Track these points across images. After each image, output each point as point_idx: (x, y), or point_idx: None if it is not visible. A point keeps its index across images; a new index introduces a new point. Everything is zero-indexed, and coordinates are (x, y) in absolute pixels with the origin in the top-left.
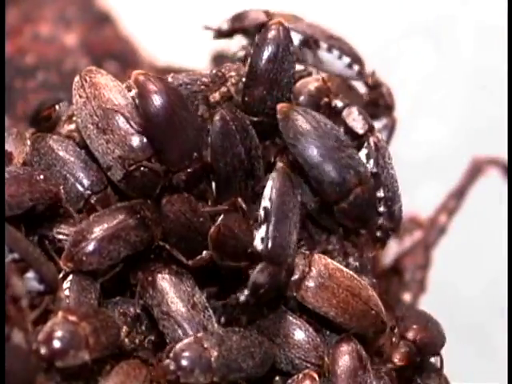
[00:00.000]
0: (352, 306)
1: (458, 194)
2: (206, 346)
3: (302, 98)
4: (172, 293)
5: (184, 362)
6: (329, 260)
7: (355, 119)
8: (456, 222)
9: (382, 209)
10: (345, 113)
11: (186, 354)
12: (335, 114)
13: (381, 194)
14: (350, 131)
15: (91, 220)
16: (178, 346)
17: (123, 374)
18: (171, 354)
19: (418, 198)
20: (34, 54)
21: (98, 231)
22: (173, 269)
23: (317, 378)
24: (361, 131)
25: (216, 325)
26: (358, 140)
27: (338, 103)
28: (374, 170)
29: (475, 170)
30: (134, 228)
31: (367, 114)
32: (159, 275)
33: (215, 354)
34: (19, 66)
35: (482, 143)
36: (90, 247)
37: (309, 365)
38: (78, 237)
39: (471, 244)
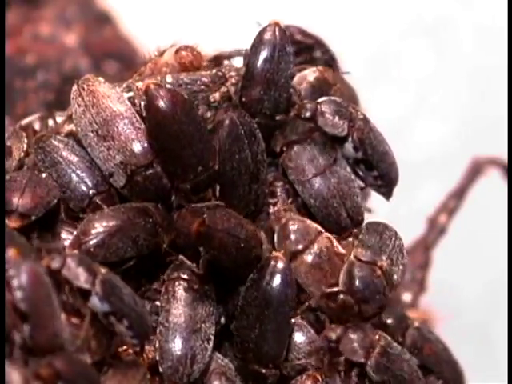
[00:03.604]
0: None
1: (458, 194)
2: None
3: (303, 91)
4: (187, 308)
5: None
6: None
7: (333, 125)
8: (456, 221)
9: (379, 182)
10: (320, 122)
11: None
12: (309, 121)
13: (374, 173)
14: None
15: (105, 212)
16: None
17: (121, 374)
18: None
19: (418, 198)
20: (34, 54)
21: (110, 225)
22: (203, 287)
23: (320, 379)
24: (343, 134)
25: (207, 356)
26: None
27: (307, 113)
28: (364, 158)
29: (475, 170)
30: (144, 231)
31: (342, 106)
32: (185, 285)
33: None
34: (19, 66)
35: (482, 143)
36: (99, 239)
37: (309, 367)
38: (89, 226)
39: (471, 244)
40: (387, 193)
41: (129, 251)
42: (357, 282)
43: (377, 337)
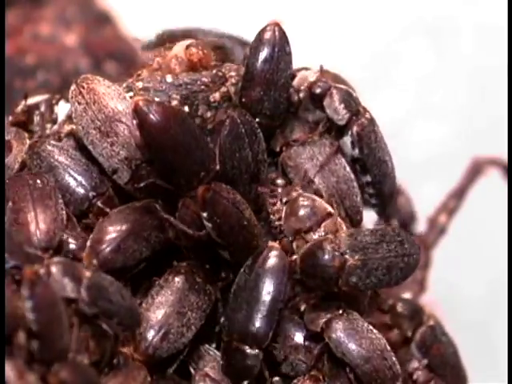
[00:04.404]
0: None
1: (458, 194)
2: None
3: (303, 92)
4: (180, 291)
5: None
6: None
7: (336, 110)
8: (456, 221)
9: (370, 191)
10: (325, 102)
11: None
12: (317, 102)
13: (367, 178)
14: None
15: (113, 217)
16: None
17: (122, 376)
18: None
19: (418, 197)
20: (34, 54)
21: (121, 229)
22: (205, 284)
23: (321, 379)
24: (341, 122)
25: (181, 343)
26: (343, 128)
27: (317, 89)
28: (360, 157)
29: (475, 170)
30: (154, 228)
31: (353, 98)
32: (188, 273)
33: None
34: (19, 66)
35: (482, 143)
36: (115, 245)
37: (306, 365)
38: (101, 233)
39: (471, 244)
40: (379, 206)
41: (144, 251)
42: (311, 257)
43: (340, 311)
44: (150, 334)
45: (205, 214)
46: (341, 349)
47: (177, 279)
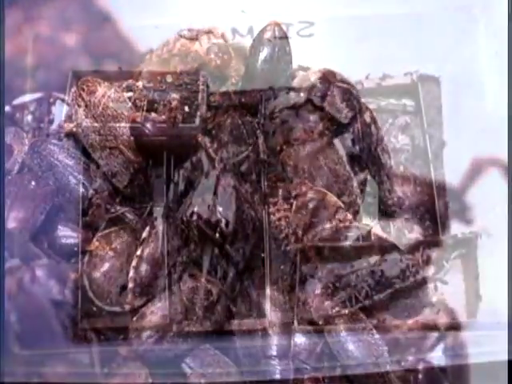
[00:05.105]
0: None
1: (459, 194)
2: None
3: (303, 91)
4: (180, 301)
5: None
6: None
7: (338, 109)
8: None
9: (368, 189)
10: (328, 101)
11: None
12: (318, 102)
13: (365, 176)
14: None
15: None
16: None
17: (122, 376)
18: None
19: None
20: (34, 54)
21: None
22: (204, 292)
23: (321, 379)
24: (344, 121)
25: (175, 350)
26: (345, 126)
27: (318, 91)
28: (359, 154)
29: (475, 170)
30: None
31: (354, 95)
32: (187, 282)
33: None
34: (19, 65)
35: (482, 143)
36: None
37: (308, 367)
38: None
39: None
40: (372, 205)
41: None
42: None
43: (346, 311)
44: (144, 336)
45: (218, 203)
46: (337, 347)
47: (182, 287)
